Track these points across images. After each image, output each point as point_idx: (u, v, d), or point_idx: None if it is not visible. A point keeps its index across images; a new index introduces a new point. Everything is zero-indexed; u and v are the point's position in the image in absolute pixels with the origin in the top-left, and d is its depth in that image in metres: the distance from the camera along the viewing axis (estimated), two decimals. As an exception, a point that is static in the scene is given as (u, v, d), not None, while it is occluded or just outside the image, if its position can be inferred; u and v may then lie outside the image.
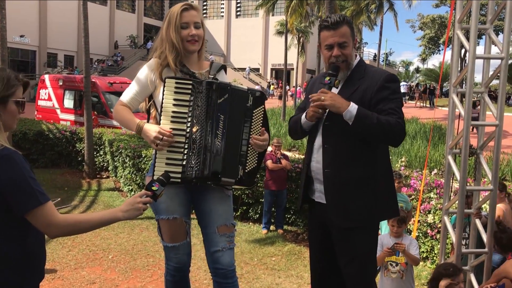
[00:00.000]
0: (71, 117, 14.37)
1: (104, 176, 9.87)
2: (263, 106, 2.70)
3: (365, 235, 2.70)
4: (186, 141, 2.55)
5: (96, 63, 37.70)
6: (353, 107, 2.50)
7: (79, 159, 10.28)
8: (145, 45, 44.57)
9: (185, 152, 2.54)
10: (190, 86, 2.56)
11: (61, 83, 14.96)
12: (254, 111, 2.67)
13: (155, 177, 2.40)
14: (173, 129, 2.54)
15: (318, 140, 2.72)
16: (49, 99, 15.16)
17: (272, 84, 38.23)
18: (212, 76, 2.76)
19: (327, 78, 2.61)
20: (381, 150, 2.72)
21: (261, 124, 2.70)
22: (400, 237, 3.82)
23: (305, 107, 2.84)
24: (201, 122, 2.55)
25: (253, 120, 2.66)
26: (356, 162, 2.60)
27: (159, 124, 2.57)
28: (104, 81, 14.64)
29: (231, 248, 2.75)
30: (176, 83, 2.56)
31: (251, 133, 2.65)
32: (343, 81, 2.69)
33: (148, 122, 2.74)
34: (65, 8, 38.06)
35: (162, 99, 2.56)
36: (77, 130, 10.54)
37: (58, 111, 14.81)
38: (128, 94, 2.76)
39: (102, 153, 9.96)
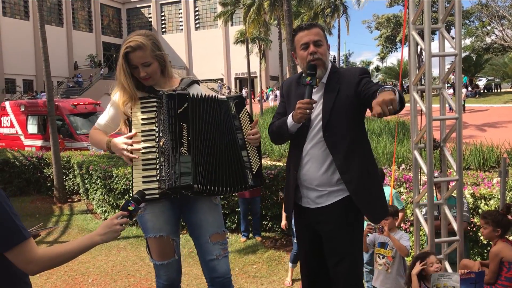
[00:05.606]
0: (36, 142, 14.09)
1: (76, 200, 9.71)
2: (245, 108, 2.81)
3: (352, 234, 2.81)
4: (158, 156, 2.59)
5: (57, 85, 37.02)
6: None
7: (48, 184, 10.09)
8: (105, 64, 43.93)
9: (157, 167, 2.58)
10: (154, 103, 2.62)
11: (23, 109, 14.69)
12: (240, 116, 2.76)
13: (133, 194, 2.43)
14: (145, 147, 2.59)
15: (307, 148, 2.77)
16: (12, 126, 14.85)
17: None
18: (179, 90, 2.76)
19: (308, 78, 2.66)
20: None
21: (249, 125, 2.79)
22: (393, 232, 3.84)
23: (284, 111, 2.92)
24: (166, 134, 2.59)
25: (242, 124, 2.76)
26: (365, 161, 2.78)
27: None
28: (68, 103, 14.45)
29: (226, 256, 2.78)
30: (142, 103, 2.64)
31: (245, 135, 2.75)
32: (321, 81, 2.78)
33: None
34: (19, 32, 37.29)
35: (131, 120, 2.65)
36: (44, 155, 10.35)
37: (22, 137, 14.51)
38: (102, 120, 2.84)
39: (71, 177, 9.80)
